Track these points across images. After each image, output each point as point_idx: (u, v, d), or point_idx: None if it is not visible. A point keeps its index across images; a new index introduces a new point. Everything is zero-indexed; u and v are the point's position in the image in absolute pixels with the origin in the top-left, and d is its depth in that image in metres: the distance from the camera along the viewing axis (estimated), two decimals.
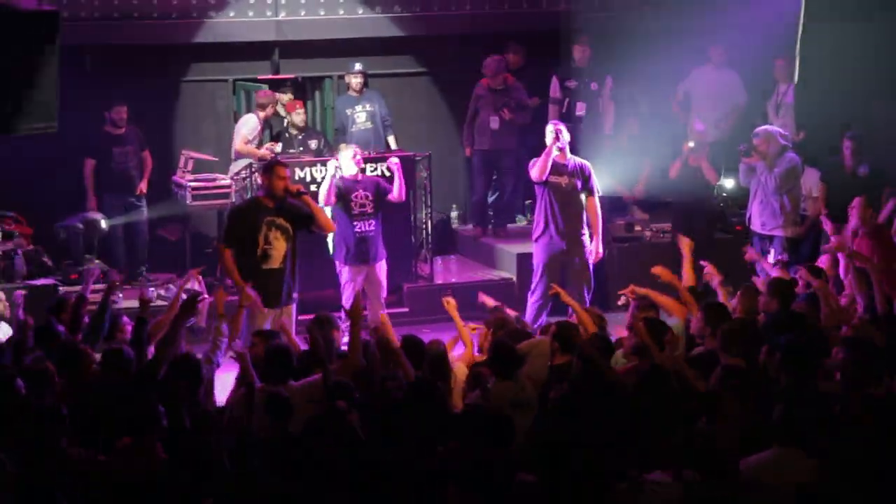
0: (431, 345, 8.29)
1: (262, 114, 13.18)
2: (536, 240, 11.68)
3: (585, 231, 11.53)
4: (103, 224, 12.65)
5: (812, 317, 8.78)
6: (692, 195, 12.81)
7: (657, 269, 9.60)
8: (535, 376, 8.02)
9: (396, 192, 11.40)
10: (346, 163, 11.41)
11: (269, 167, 10.17)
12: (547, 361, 8.17)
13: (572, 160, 11.52)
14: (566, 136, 11.50)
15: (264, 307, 9.73)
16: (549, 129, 11.57)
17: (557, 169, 11.47)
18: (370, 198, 11.36)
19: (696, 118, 13.45)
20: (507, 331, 8.84)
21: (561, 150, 11.42)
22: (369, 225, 11.36)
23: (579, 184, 11.44)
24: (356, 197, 11.32)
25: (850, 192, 11.29)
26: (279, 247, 9.95)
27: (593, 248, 11.43)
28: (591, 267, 11.54)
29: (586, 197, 11.46)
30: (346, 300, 11.34)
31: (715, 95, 14.19)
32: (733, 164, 12.78)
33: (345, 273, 11.43)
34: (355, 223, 11.32)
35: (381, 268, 11.51)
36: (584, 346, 7.79)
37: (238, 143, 13.08)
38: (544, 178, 11.43)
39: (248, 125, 13.12)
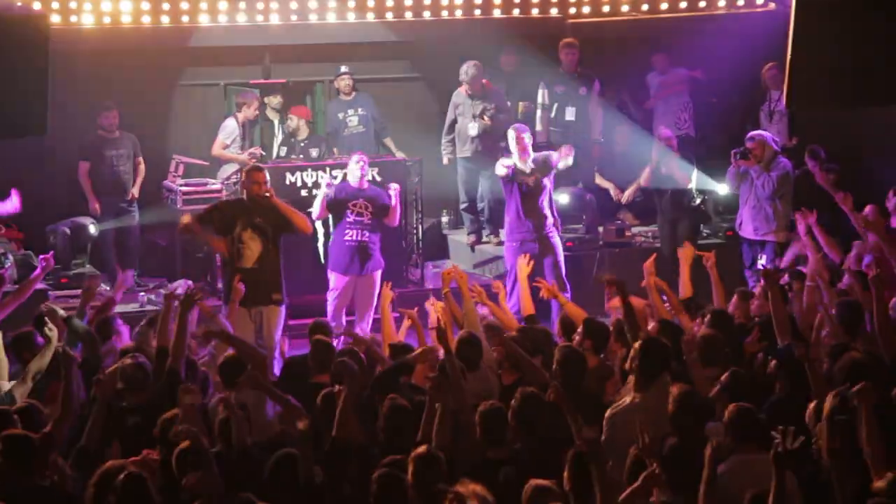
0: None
1: (240, 115, 13.18)
2: (508, 242, 11.78)
3: (554, 229, 11.73)
4: (92, 229, 12.62)
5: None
6: (676, 201, 12.86)
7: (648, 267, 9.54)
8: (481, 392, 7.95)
9: (391, 216, 11.44)
10: (351, 168, 11.46)
11: (246, 171, 10.47)
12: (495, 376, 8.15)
13: (537, 156, 11.69)
14: (515, 140, 11.65)
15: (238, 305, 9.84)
16: (510, 135, 11.70)
17: (524, 168, 11.65)
18: (370, 208, 11.36)
19: (662, 126, 13.48)
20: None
21: (524, 155, 11.57)
22: (363, 235, 11.34)
23: (544, 180, 11.64)
24: (355, 205, 11.33)
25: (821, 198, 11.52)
26: (253, 247, 10.14)
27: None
28: (562, 266, 11.60)
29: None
30: (329, 307, 11.32)
31: (665, 95, 14.39)
32: (720, 170, 12.78)
33: (331, 280, 11.46)
34: (347, 231, 11.33)
35: (374, 280, 11.40)
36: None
37: (215, 148, 13.12)
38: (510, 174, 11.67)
39: (225, 130, 13.12)
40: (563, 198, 13.11)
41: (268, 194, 10.18)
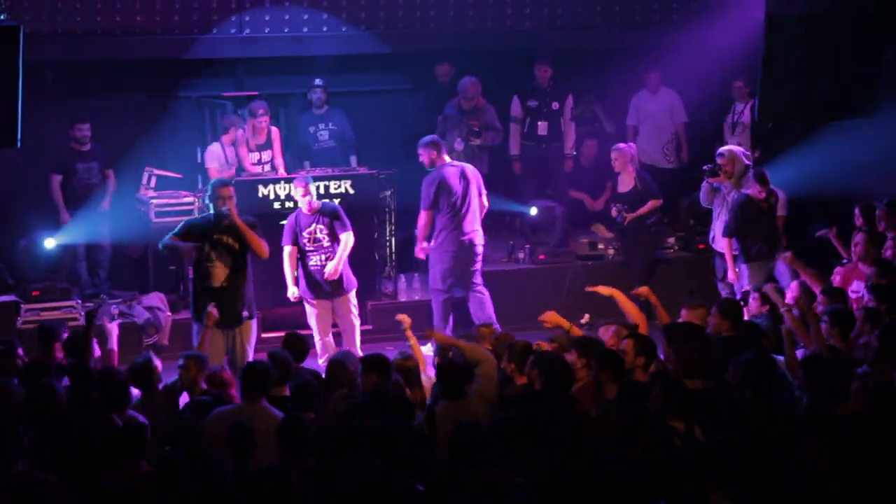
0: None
1: (225, 137, 13.11)
2: None
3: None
4: (48, 243, 12.49)
5: (768, 335, 8.89)
6: (637, 220, 12.94)
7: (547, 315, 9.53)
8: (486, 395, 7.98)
9: (333, 266, 11.08)
10: (300, 202, 11.16)
11: (212, 185, 10.31)
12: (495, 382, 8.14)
13: None
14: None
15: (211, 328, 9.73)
16: None
17: None
18: (325, 231, 11.13)
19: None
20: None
21: None
22: (327, 258, 11.11)
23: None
24: (309, 232, 11.10)
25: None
26: (221, 266, 10.03)
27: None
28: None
29: None
30: (314, 331, 11.19)
31: (656, 120, 14.33)
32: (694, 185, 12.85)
33: (306, 306, 11.28)
34: (311, 257, 11.11)
35: (350, 301, 11.28)
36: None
37: (211, 176, 12.88)
38: None
39: (212, 157, 13.03)
40: (532, 210, 13.16)
41: (227, 211, 10.04)
